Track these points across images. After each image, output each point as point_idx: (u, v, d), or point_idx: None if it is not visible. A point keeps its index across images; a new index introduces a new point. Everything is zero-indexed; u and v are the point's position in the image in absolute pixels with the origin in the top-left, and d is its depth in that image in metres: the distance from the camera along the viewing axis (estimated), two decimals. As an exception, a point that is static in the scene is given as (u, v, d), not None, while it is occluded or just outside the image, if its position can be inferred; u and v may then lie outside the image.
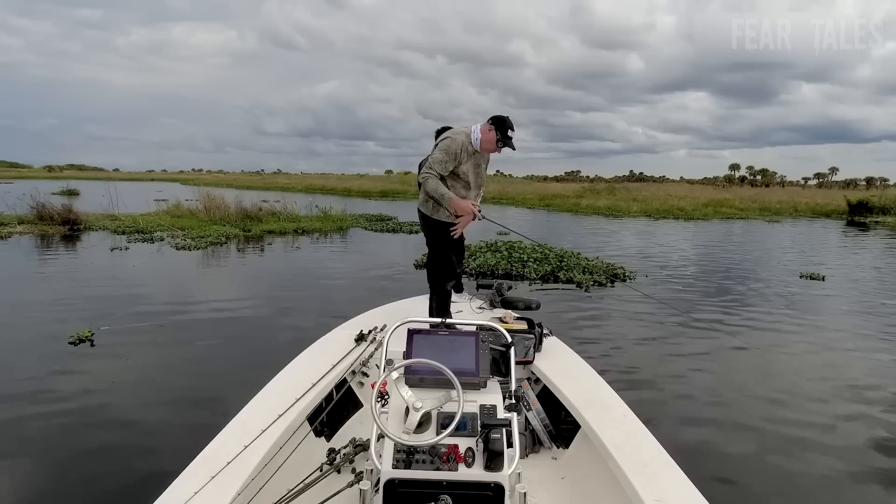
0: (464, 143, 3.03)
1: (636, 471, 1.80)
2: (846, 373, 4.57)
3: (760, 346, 5.26)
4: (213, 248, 10.97)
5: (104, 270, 8.46)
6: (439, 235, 3.26)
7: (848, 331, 5.90)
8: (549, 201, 28.76)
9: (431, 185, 3.00)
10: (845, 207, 25.69)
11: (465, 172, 3.10)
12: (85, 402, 3.64)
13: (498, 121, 3.01)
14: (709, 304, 6.96)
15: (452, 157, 3.02)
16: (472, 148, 3.06)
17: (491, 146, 3.07)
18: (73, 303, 6.22)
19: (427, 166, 3.06)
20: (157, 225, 13.76)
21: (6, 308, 6.05)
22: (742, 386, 4.23)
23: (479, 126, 3.06)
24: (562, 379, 2.55)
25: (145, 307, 6.10)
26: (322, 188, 40.76)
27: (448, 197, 3.01)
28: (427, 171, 3.03)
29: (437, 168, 3.02)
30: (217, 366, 4.42)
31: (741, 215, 24.09)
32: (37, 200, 13.76)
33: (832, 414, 3.74)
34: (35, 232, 12.52)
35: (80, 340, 4.77)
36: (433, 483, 1.58)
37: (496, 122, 3.02)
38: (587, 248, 11.22)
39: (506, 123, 3.01)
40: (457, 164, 3.06)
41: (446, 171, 3.04)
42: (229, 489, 1.64)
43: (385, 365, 1.91)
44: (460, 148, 3.02)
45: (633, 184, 50.51)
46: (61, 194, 24.85)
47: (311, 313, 6.09)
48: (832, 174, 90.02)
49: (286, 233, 13.85)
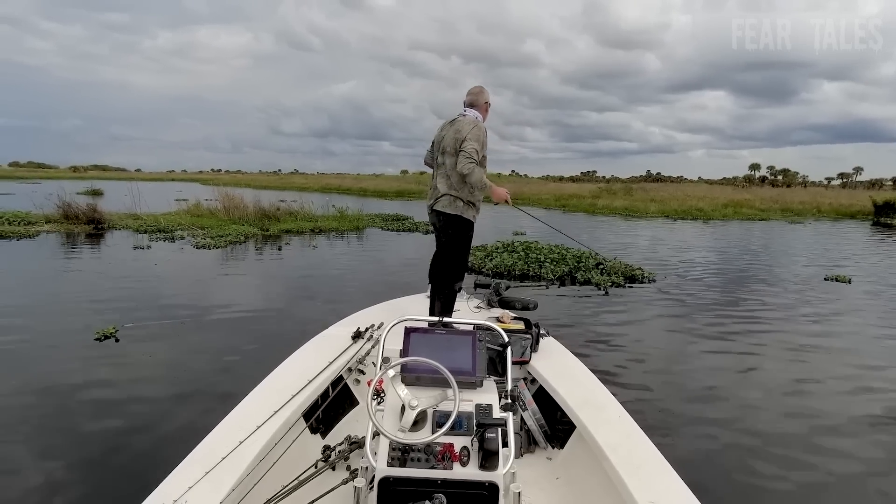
0: (485, 130, 3.24)
1: (631, 472, 1.80)
2: (869, 382, 4.45)
3: (781, 350, 5.14)
4: (233, 247, 11.12)
5: (127, 268, 8.64)
6: (465, 235, 3.31)
7: (874, 335, 5.75)
8: (564, 201, 28.55)
9: (478, 174, 3.10)
10: (871, 208, 25.01)
11: (485, 157, 3.26)
12: (109, 397, 3.72)
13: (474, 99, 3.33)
14: (728, 307, 6.83)
15: (483, 146, 3.16)
16: None
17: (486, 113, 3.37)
18: (98, 300, 6.36)
19: (467, 158, 3.06)
20: (177, 224, 14.00)
21: (34, 304, 6.22)
22: (761, 391, 4.14)
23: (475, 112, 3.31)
24: (558, 379, 2.54)
25: (167, 305, 6.22)
26: (338, 188, 41.05)
27: (490, 186, 3.17)
28: (470, 161, 3.06)
29: (476, 158, 3.10)
30: (237, 362, 4.48)
31: (762, 216, 23.62)
32: (63, 200, 14.10)
33: (841, 416, 3.67)
34: (61, 230, 12.84)
35: (105, 337, 4.88)
36: (428, 481, 1.58)
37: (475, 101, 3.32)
38: (604, 249, 11.12)
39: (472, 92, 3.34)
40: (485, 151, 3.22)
41: (481, 158, 3.17)
42: (224, 485, 1.64)
43: (381, 363, 1.91)
44: (485, 135, 3.20)
45: (650, 184, 49.92)
46: (86, 194, 25.42)
47: (330, 310, 6.12)
48: (856, 174, 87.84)
49: (303, 232, 13.98)
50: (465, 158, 3.06)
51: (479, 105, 3.31)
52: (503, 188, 3.30)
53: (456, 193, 3.23)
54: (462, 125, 3.16)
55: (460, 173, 3.09)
